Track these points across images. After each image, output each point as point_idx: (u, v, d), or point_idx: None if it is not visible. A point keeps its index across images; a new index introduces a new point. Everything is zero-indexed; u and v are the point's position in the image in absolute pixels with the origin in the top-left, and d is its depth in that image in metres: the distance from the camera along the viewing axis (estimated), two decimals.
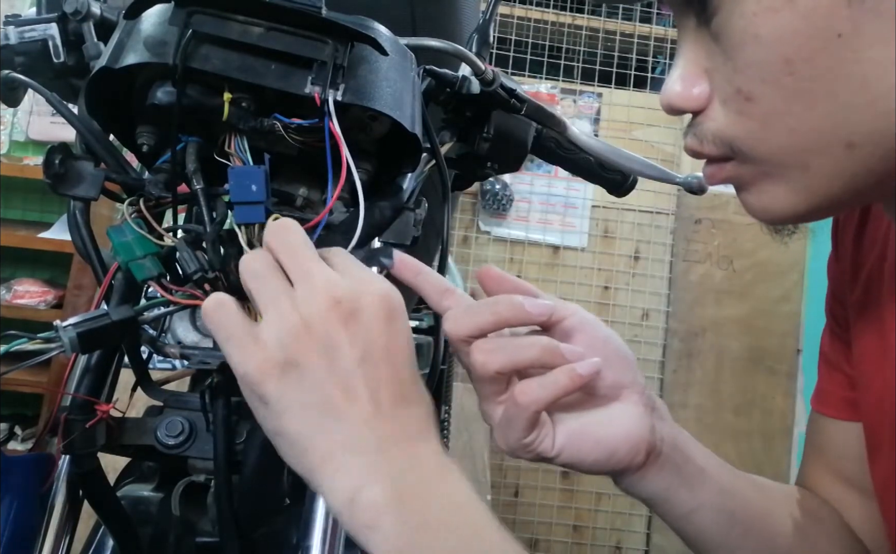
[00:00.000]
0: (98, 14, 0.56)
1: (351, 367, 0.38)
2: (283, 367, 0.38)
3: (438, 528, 0.37)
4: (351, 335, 0.39)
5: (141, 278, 0.48)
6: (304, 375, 0.38)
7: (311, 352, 0.38)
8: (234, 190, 0.46)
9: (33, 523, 0.49)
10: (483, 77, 0.63)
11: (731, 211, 2.69)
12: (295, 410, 0.38)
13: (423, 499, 0.38)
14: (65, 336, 0.44)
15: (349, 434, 0.38)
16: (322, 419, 0.38)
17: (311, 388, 0.38)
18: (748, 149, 0.42)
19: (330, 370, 0.38)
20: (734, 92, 0.40)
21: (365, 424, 0.38)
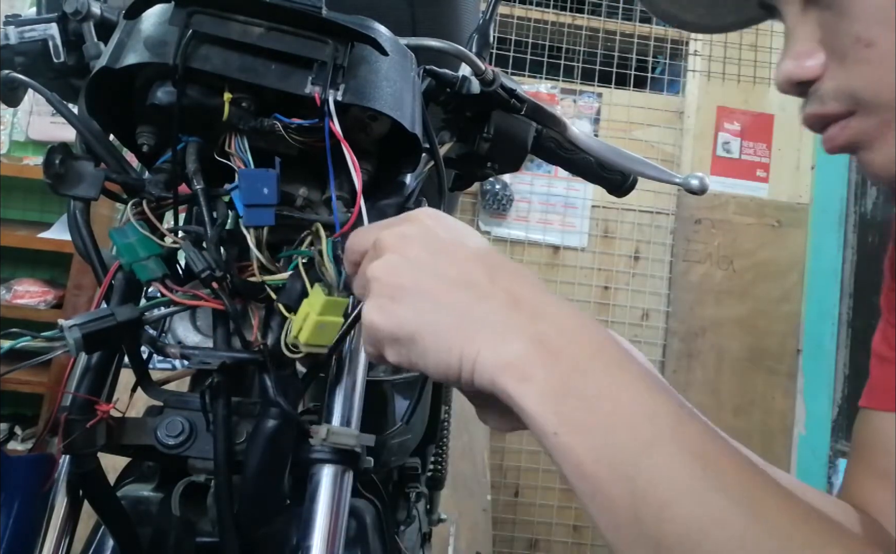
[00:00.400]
0: (98, 14, 0.56)
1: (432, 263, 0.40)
2: (389, 302, 0.40)
3: (584, 370, 0.37)
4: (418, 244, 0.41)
5: (145, 280, 0.48)
6: (407, 293, 0.40)
7: (401, 274, 0.40)
8: (245, 192, 0.46)
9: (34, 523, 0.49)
10: (483, 77, 0.63)
11: (731, 211, 2.69)
12: (422, 323, 0.40)
13: (566, 346, 0.38)
14: (70, 336, 0.44)
15: (473, 313, 0.39)
16: (443, 314, 0.39)
17: (418, 298, 0.40)
18: (871, 95, 0.43)
19: (421, 275, 0.40)
20: (853, 41, 0.42)
21: (480, 299, 0.39)
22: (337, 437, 0.50)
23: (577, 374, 0.37)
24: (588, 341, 0.39)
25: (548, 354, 0.38)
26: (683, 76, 2.78)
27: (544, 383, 0.37)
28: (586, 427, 0.36)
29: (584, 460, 0.35)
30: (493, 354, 0.38)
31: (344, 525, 0.51)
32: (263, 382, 0.51)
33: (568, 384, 0.37)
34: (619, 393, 0.37)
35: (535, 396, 0.37)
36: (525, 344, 0.38)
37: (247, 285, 0.50)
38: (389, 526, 0.74)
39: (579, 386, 0.37)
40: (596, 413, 0.36)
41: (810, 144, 2.77)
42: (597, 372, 0.37)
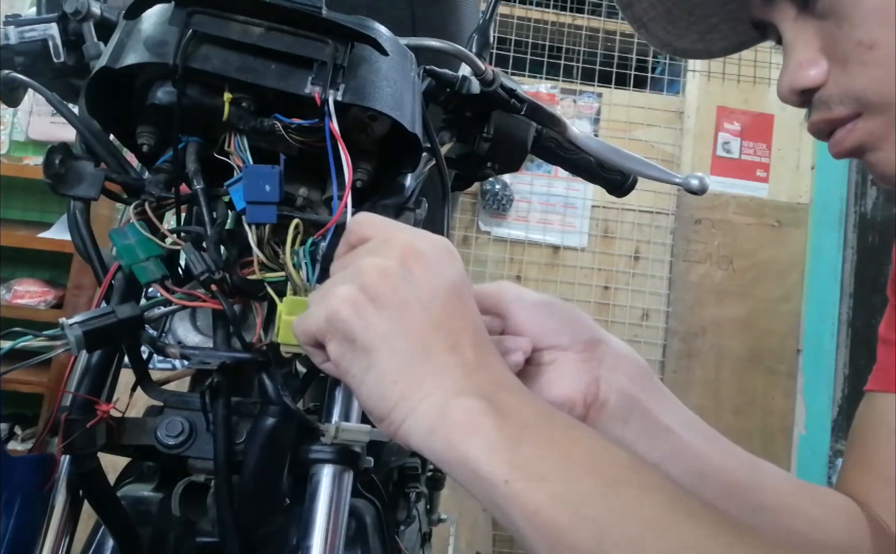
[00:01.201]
0: (98, 14, 0.56)
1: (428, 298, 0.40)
2: (361, 301, 0.39)
3: (539, 426, 0.37)
4: (425, 269, 0.40)
5: (145, 281, 0.48)
6: (385, 307, 0.39)
7: (390, 285, 0.39)
8: (248, 189, 0.46)
9: (34, 523, 0.49)
10: (483, 77, 0.63)
11: (731, 211, 2.69)
12: (381, 343, 0.39)
13: (518, 407, 0.38)
14: (71, 334, 0.44)
15: (434, 361, 0.39)
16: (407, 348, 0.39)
17: (392, 319, 0.39)
18: (877, 96, 0.44)
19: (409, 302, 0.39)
20: (855, 46, 0.43)
21: (449, 352, 0.39)
22: (348, 433, 0.49)
23: (531, 428, 0.37)
24: (542, 408, 0.39)
25: (500, 410, 0.37)
26: (683, 76, 2.78)
27: (494, 433, 0.36)
28: (542, 473, 0.35)
29: (541, 507, 0.34)
30: (440, 402, 0.37)
31: (344, 525, 0.51)
32: (263, 382, 0.51)
33: (520, 435, 0.36)
34: (575, 442, 0.37)
35: (483, 446, 0.36)
36: (478, 399, 0.37)
37: (247, 284, 0.50)
38: (389, 526, 0.74)
39: (533, 437, 0.36)
40: (552, 460, 0.36)
41: (810, 144, 2.77)
42: (551, 427, 0.37)
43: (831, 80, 0.46)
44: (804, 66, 0.46)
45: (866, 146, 0.47)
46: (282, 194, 0.47)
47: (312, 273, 0.48)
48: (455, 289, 0.41)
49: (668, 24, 0.55)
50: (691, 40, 0.56)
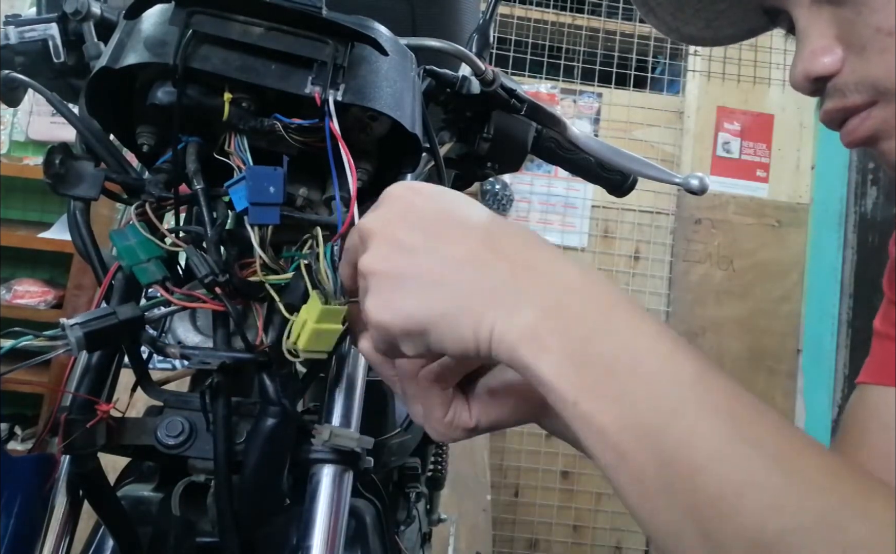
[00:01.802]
0: (98, 14, 0.56)
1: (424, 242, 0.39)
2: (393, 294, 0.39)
3: (600, 334, 0.36)
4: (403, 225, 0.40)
5: (145, 282, 0.48)
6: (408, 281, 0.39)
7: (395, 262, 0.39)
8: (252, 190, 0.46)
9: (35, 523, 0.49)
10: (483, 77, 0.63)
11: (731, 211, 2.69)
12: (433, 311, 0.38)
13: (580, 308, 0.37)
14: (71, 335, 0.44)
15: (480, 289, 0.38)
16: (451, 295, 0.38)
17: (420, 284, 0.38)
18: (893, 83, 0.43)
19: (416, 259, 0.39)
20: (873, 33, 0.43)
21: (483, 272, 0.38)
22: (339, 438, 0.50)
23: (594, 337, 0.36)
24: (601, 300, 0.37)
25: (561, 319, 0.36)
26: (683, 76, 2.78)
27: (561, 351, 0.36)
28: (608, 394, 0.35)
29: (607, 429, 0.34)
30: (506, 327, 0.37)
31: (344, 525, 0.51)
32: (263, 382, 0.51)
33: (585, 350, 0.36)
34: (639, 355, 0.36)
35: (552, 366, 0.36)
36: (537, 312, 0.37)
37: (248, 285, 0.50)
38: (389, 526, 0.75)
39: (597, 351, 0.36)
40: (617, 379, 0.35)
41: (810, 144, 2.77)
42: (614, 333, 0.36)
43: (847, 68, 0.45)
44: (819, 53, 0.46)
45: (880, 134, 0.46)
46: (285, 196, 0.47)
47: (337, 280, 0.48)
48: (431, 211, 0.40)
49: (676, 10, 0.55)
50: (698, 27, 0.55)
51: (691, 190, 0.74)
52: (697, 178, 0.74)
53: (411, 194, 0.41)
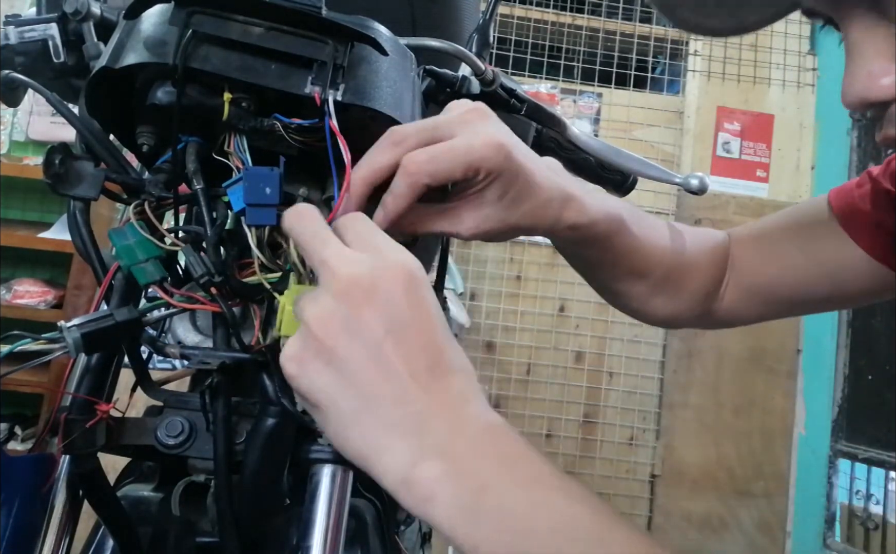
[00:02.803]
0: (98, 14, 0.56)
1: (379, 340, 0.38)
2: (305, 360, 0.38)
3: (497, 487, 0.36)
4: (373, 309, 0.38)
5: (144, 283, 0.48)
6: (334, 361, 0.38)
7: (337, 335, 0.38)
8: (248, 191, 0.46)
9: (34, 523, 0.49)
10: (483, 77, 0.63)
11: (731, 211, 2.69)
12: (332, 402, 0.38)
13: (476, 463, 0.36)
14: (69, 337, 0.44)
15: (389, 416, 0.37)
16: (359, 404, 0.37)
17: (341, 373, 0.38)
18: None
19: (357, 348, 0.38)
20: None
21: (404, 399, 0.37)
22: None
23: (488, 492, 0.36)
24: (502, 454, 0.37)
25: (456, 471, 0.36)
26: (683, 76, 2.78)
27: (451, 503, 0.35)
28: (503, 547, 0.34)
29: None
30: (395, 467, 0.37)
31: (344, 525, 0.51)
32: (263, 382, 0.51)
33: (478, 504, 0.35)
34: (536, 510, 0.35)
35: (442, 516, 0.35)
36: (431, 460, 0.36)
37: (246, 288, 0.50)
38: (389, 526, 0.74)
39: (491, 506, 0.35)
40: (512, 536, 0.35)
41: (810, 144, 2.77)
42: (510, 489, 0.36)
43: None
44: (877, 76, 0.42)
45: None
46: (282, 196, 0.47)
47: None
48: (413, 319, 0.39)
49: (697, 4, 0.52)
50: (721, 18, 0.52)
51: (691, 190, 0.74)
52: (697, 178, 0.74)
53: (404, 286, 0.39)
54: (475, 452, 0.37)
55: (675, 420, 2.68)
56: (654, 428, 2.70)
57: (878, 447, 2.35)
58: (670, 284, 0.71)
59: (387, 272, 0.39)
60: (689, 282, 0.73)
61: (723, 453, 2.65)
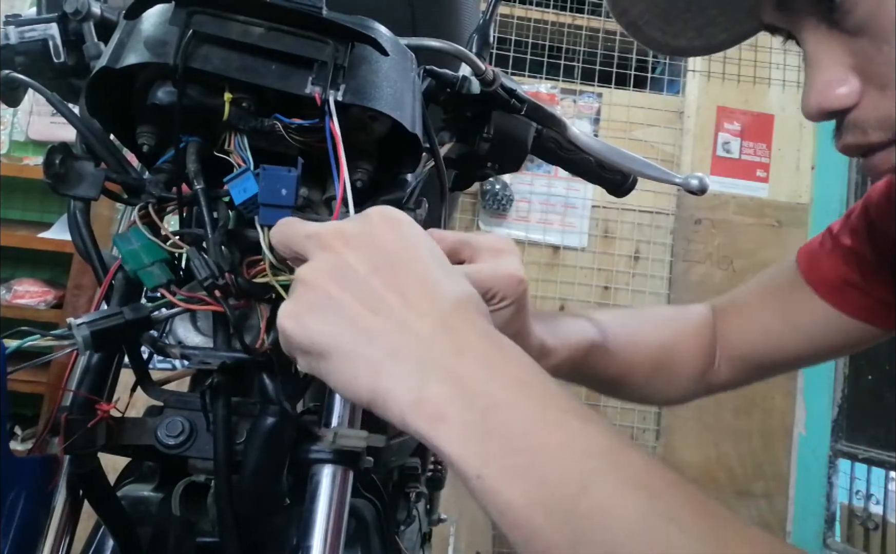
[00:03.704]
0: (98, 14, 0.56)
1: (365, 278, 0.38)
2: (305, 311, 0.38)
3: (507, 405, 0.35)
4: (356, 251, 0.39)
5: (151, 286, 0.49)
6: (328, 306, 0.38)
7: (327, 282, 0.38)
8: (264, 191, 0.46)
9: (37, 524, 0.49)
10: (483, 77, 0.63)
11: (731, 211, 2.69)
12: (333, 344, 0.37)
13: (484, 381, 0.36)
14: (78, 334, 0.44)
15: (389, 344, 0.37)
16: (358, 340, 0.37)
17: (337, 315, 0.38)
18: None
19: (348, 289, 0.38)
20: None
21: (402, 328, 0.37)
22: (346, 439, 0.49)
23: (499, 410, 0.34)
24: (512, 376, 0.36)
25: (465, 390, 0.35)
26: (683, 76, 2.78)
27: (461, 422, 0.34)
28: (514, 468, 0.33)
29: (514, 504, 0.33)
30: (403, 391, 0.36)
31: (344, 525, 0.51)
32: (263, 382, 0.51)
33: (489, 422, 0.34)
34: (548, 428, 0.34)
35: (451, 437, 0.34)
36: (439, 380, 0.35)
37: (254, 287, 0.50)
38: (389, 526, 0.74)
39: (502, 423, 0.34)
40: (524, 452, 0.33)
41: (810, 144, 2.77)
42: (521, 408, 0.35)
43: (867, 103, 0.43)
44: (833, 85, 0.43)
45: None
46: (297, 198, 0.47)
47: None
48: (392, 253, 0.39)
49: (664, 23, 0.52)
50: (689, 37, 0.53)
51: (691, 190, 0.74)
52: (697, 178, 0.74)
53: (384, 226, 0.40)
54: (483, 372, 0.36)
55: (675, 420, 2.68)
56: (654, 428, 2.70)
57: (878, 447, 2.34)
58: (662, 372, 0.75)
59: (370, 219, 0.40)
60: (681, 367, 0.77)
61: (723, 453, 2.65)
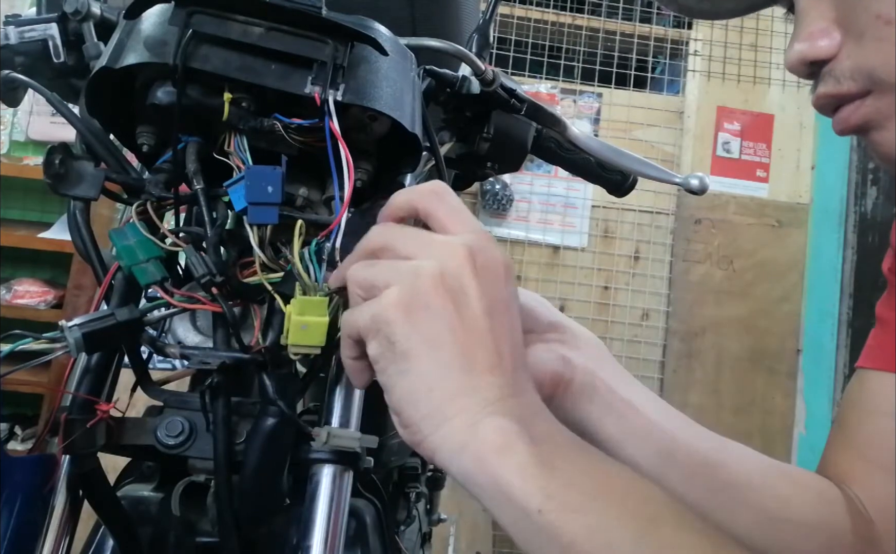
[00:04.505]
0: (98, 14, 0.56)
1: (479, 315, 0.39)
2: (413, 307, 0.38)
3: (572, 454, 0.36)
4: (480, 286, 0.39)
5: (145, 283, 0.48)
6: (434, 316, 0.38)
7: (443, 295, 0.38)
8: (250, 190, 0.46)
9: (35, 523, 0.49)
10: (483, 77, 0.63)
11: (731, 211, 2.69)
12: (422, 350, 0.38)
13: (552, 434, 0.37)
14: (70, 337, 0.44)
15: (473, 378, 0.37)
16: (449, 360, 0.38)
17: (439, 329, 0.38)
18: (889, 74, 0.42)
19: (459, 315, 0.38)
20: (873, 19, 0.42)
21: (489, 371, 0.38)
22: (339, 439, 0.50)
23: (565, 455, 0.36)
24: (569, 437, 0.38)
25: (531, 431, 0.36)
26: (683, 76, 2.78)
27: (528, 457, 0.35)
28: (577, 504, 0.34)
29: (575, 540, 0.33)
30: (473, 421, 0.36)
31: (344, 525, 0.51)
32: (262, 382, 0.51)
33: (554, 461, 0.35)
34: (610, 473, 0.35)
35: (516, 469, 0.35)
36: (512, 422, 0.36)
37: (246, 287, 0.50)
38: (389, 526, 0.74)
39: (567, 465, 0.35)
40: (587, 491, 0.34)
41: (810, 144, 2.77)
42: (584, 457, 0.36)
43: (843, 54, 0.44)
44: (816, 36, 0.44)
45: (872, 124, 0.45)
46: (283, 195, 0.47)
47: (319, 272, 0.48)
48: (507, 307, 0.40)
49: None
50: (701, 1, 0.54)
51: (691, 190, 0.74)
52: (697, 178, 0.74)
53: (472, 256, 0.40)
54: (553, 428, 0.37)
55: None
56: None
57: None
58: None
59: (497, 256, 0.41)
60: None
61: None
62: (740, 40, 2.75)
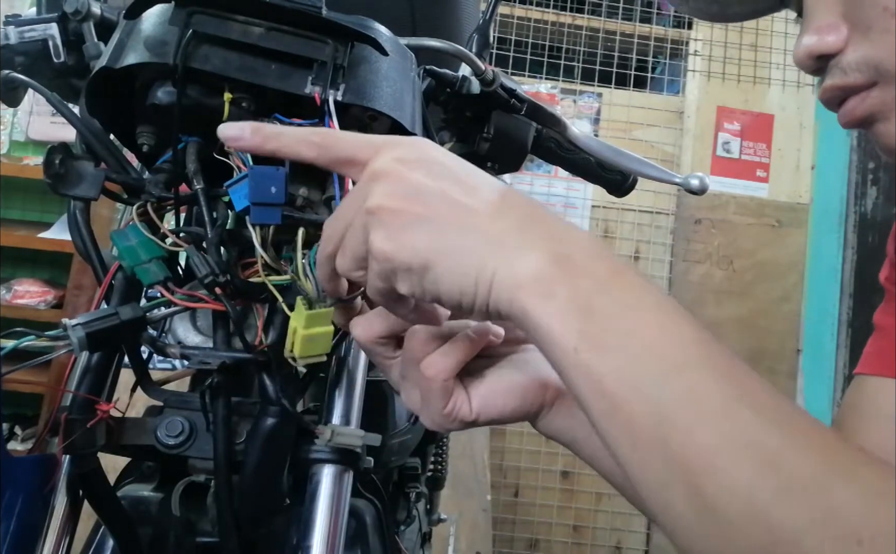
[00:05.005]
0: (98, 14, 0.56)
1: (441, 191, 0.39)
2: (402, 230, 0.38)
3: (610, 288, 0.36)
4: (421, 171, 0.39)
5: (147, 283, 0.48)
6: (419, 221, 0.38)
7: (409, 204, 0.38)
8: (253, 190, 0.46)
9: (35, 523, 0.49)
10: (483, 77, 0.63)
11: (731, 211, 2.69)
12: (437, 248, 0.38)
13: (587, 264, 0.37)
14: (73, 335, 0.44)
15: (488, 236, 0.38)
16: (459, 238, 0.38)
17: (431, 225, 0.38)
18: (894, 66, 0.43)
19: (430, 204, 0.38)
20: (880, 12, 0.42)
21: (495, 220, 0.38)
22: (342, 437, 0.50)
23: (600, 290, 0.36)
24: (608, 261, 0.38)
25: (569, 270, 0.37)
26: (683, 76, 2.78)
27: (567, 299, 0.36)
28: (609, 345, 0.35)
29: (604, 378, 0.35)
30: (512, 272, 0.37)
31: (344, 525, 0.51)
32: (263, 382, 0.51)
33: (591, 300, 0.36)
34: (643, 313, 0.36)
35: (557, 312, 0.36)
36: (545, 260, 0.37)
37: (249, 286, 0.50)
38: (389, 526, 0.74)
39: (603, 303, 0.36)
40: (619, 332, 0.35)
41: (810, 144, 2.77)
42: (619, 291, 0.37)
43: (850, 47, 0.45)
44: (824, 30, 0.45)
45: (877, 116, 0.46)
46: (287, 196, 0.47)
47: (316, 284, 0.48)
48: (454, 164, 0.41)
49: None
50: (707, 1, 0.55)
51: (691, 190, 0.74)
52: (697, 178, 0.74)
53: (430, 147, 0.41)
54: (582, 254, 0.37)
55: None
56: None
57: None
58: None
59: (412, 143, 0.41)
60: None
61: None
62: (740, 40, 2.75)
